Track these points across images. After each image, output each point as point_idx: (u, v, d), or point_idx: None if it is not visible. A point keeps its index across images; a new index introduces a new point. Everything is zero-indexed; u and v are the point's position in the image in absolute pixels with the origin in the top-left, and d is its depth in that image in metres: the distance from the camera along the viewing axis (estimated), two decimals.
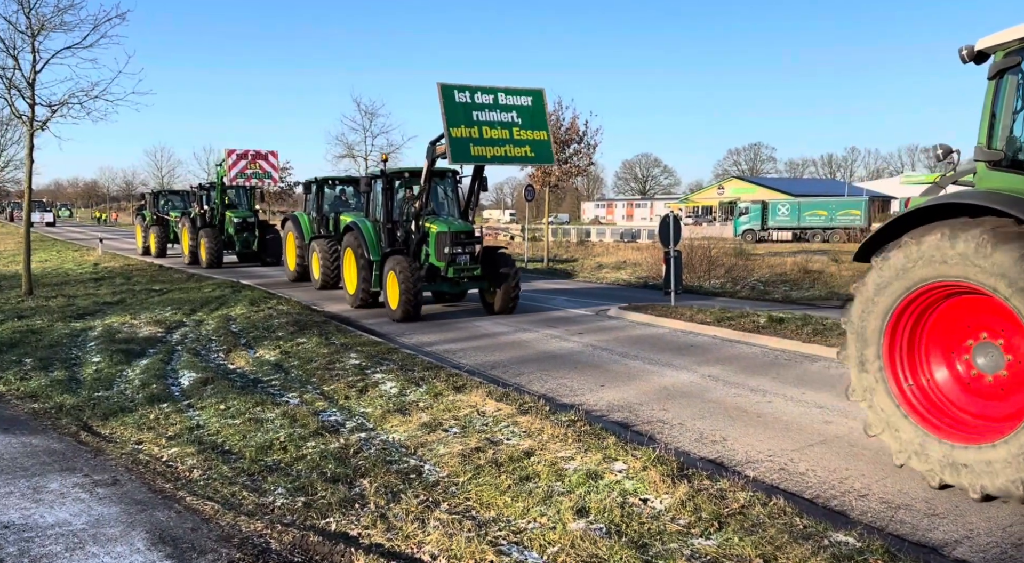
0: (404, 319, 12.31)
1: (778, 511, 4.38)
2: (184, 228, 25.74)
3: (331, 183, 19.45)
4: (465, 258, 12.75)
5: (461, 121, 11.61)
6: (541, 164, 12.34)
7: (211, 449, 5.75)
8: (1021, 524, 4.48)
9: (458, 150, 11.53)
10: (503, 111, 12.03)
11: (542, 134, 12.38)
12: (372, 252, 13.56)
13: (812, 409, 7.10)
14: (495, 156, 11.90)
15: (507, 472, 5.11)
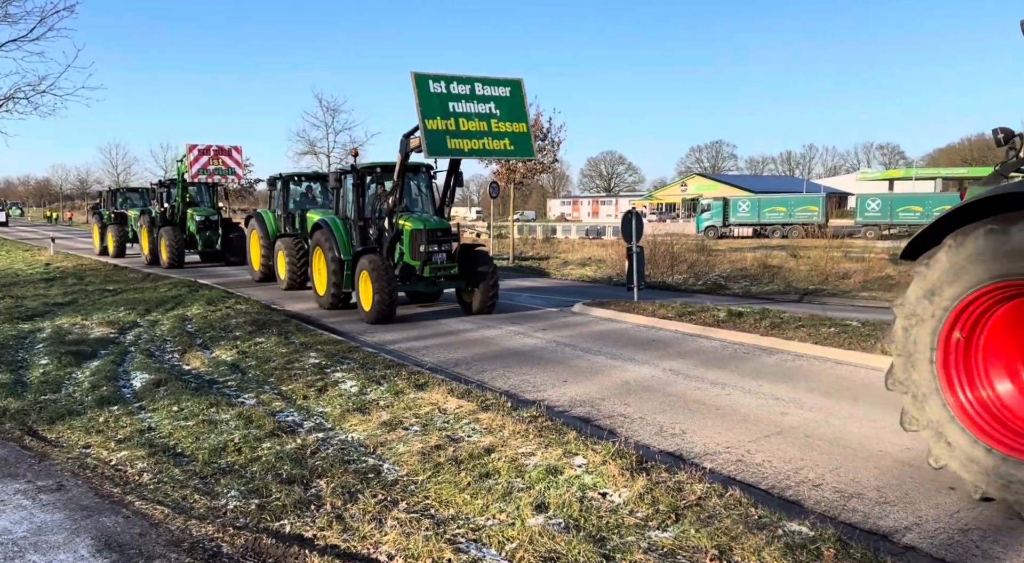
0: (378, 321, 11.78)
1: (734, 502, 4.43)
2: (143, 227, 24.78)
3: (297, 179, 18.83)
4: (441, 257, 12.24)
5: (437, 112, 11.03)
6: (521, 158, 11.95)
7: (162, 452, 5.59)
8: (968, 510, 4.60)
9: (434, 143, 10.95)
10: (480, 102, 11.44)
11: (521, 126, 11.80)
12: (343, 251, 13.00)
13: (769, 401, 7.21)
14: (473, 149, 11.35)
15: (467, 469, 5.08)
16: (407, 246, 12.25)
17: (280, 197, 18.34)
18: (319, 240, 13.61)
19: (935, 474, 5.19)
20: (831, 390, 7.57)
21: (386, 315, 11.75)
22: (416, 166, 13.44)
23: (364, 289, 12.05)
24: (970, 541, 4.20)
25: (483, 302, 12.74)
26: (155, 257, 23.60)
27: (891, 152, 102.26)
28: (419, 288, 12.84)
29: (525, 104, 11.97)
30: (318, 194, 18.81)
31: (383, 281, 11.58)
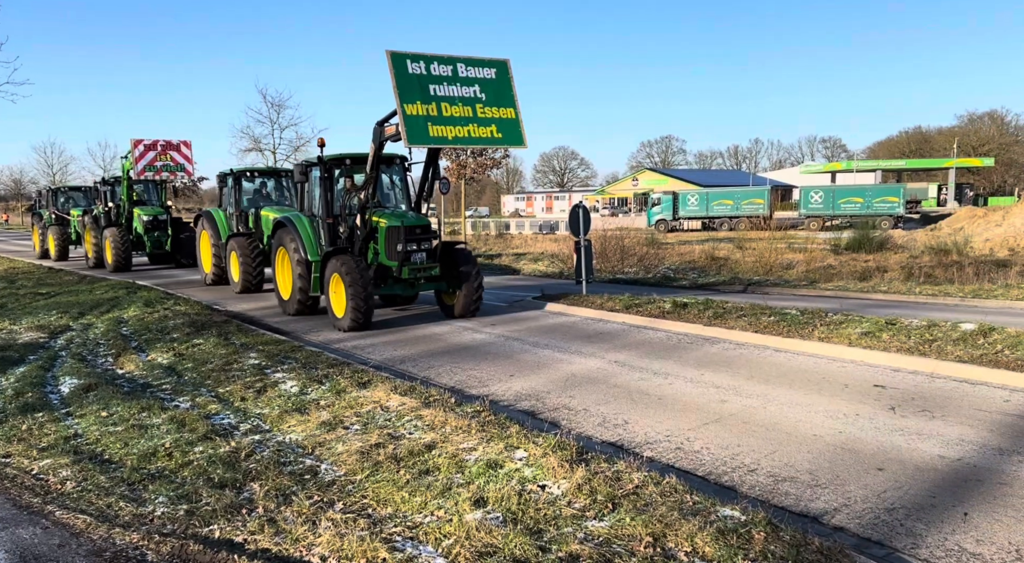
0: (353, 328, 10.76)
1: (670, 489, 4.47)
2: (87, 228, 23.21)
3: (249, 175, 17.60)
4: (421, 256, 11.21)
5: (416, 96, 9.85)
6: (511, 146, 10.72)
7: (88, 459, 5.37)
8: (894, 490, 4.75)
9: (414, 130, 9.75)
10: (464, 85, 10.30)
11: (509, 112, 10.63)
12: (310, 252, 11.86)
13: (709, 389, 7.32)
14: (457, 137, 10.16)
15: (407, 467, 5.01)
16: (382, 245, 11.23)
17: (232, 194, 17.12)
18: (282, 240, 12.51)
19: (865, 456, 5.35)
20: (769, 377, 7.73)
21: (362, 322, 10.73)
22: (390, 157, 12.39)
23: (336, 294, 11.07)
24: (895, 520, 4.33)
25: (467, 305, 11.80)
26: (100, 260, 22.21)
27: (833, 145, 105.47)
28: (396, 291, 11.79)
29: (513, 87, 10.79)
30: (272, 190, 17.86)
31: (358, 285, 10.53)
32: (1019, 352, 7.74)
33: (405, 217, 11.34)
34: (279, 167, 17.53)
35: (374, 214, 11.43)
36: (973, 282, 15.32)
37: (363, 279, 10.58)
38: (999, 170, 73.20)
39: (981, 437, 5.67)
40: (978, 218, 29.28)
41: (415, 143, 9.93)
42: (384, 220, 11.24)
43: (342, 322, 10.91)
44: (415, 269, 11.22)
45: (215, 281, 17.24)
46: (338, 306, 11.04)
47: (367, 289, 10.62)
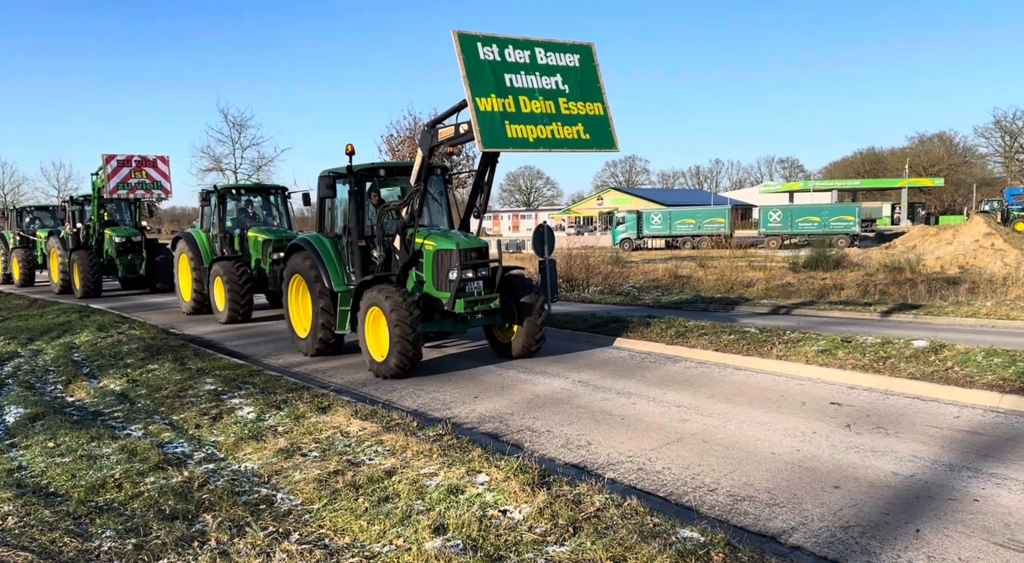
0: (398, 374, 8.87)
1: (631, 512, 4.47)
2: (53, 250, 21.57)
3: (235, 193, 16.22)
4: (477, 285, 9.32)
5: (490, 88, 8.11)
6: (600, 150, 8.72)
7: (32, 492, 5.17)
8: (850, 508, 4.82)
9: (490, 130, 7.98)
10: (544, 74, 8.58)
11: (597, 107, 8.85)
12: (335, 281, 10.08)
13: (671, 408, 7.37)
14: (539, 139, 8.34)
15: (366, 494, 4.93)
16: (429, 272, 9.41)
17: (214, 214, 15.54)
18: (299, 267, 10.62)
19: (822, 474, 5.43)
20: (729, 395, 7.82)
21: (409, 367, 8.88)
22: (430, 167, 10.28)
23: (374, 332, 9.20)
24: (851, 538, 4.39)
25: (527, 344, 9.81)
26: (67, 285, 20.63)
27: (791, 166, 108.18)
28: (445, 327, 9.69)
29: (599, 77, 8.98)
30: (258, 209, 16.50)
31: (406, 323, 8.61)
32: (968, 369, 7.96)
33: (459, 238, 9.43)
34: (266, 183, 16.47)
35: (420, 234, 9.57)
36: (925, 298, 15.77)
37: (412, 316, 8.67)
38: (949, 190, 75.83)
39: (933, 453, 5.80)
40: (930, 236, 30.21)
41: (491, 147, 8.12)
42: (432, 242, 9.38)
43: (383, 367, 8.99)
44: (472, 301, 9.21)
45: (196, 310, 15.61)
46: (377, 347, 9.17)
47: (417, 327, 8.72)
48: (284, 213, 16.33)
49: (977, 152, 79.21)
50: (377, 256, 10.00)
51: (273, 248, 14.19)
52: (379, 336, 9.14)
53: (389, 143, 29.44)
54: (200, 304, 15.47)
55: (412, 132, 29.27)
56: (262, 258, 14.58)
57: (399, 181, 10.42)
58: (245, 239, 15.04)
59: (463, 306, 9.13)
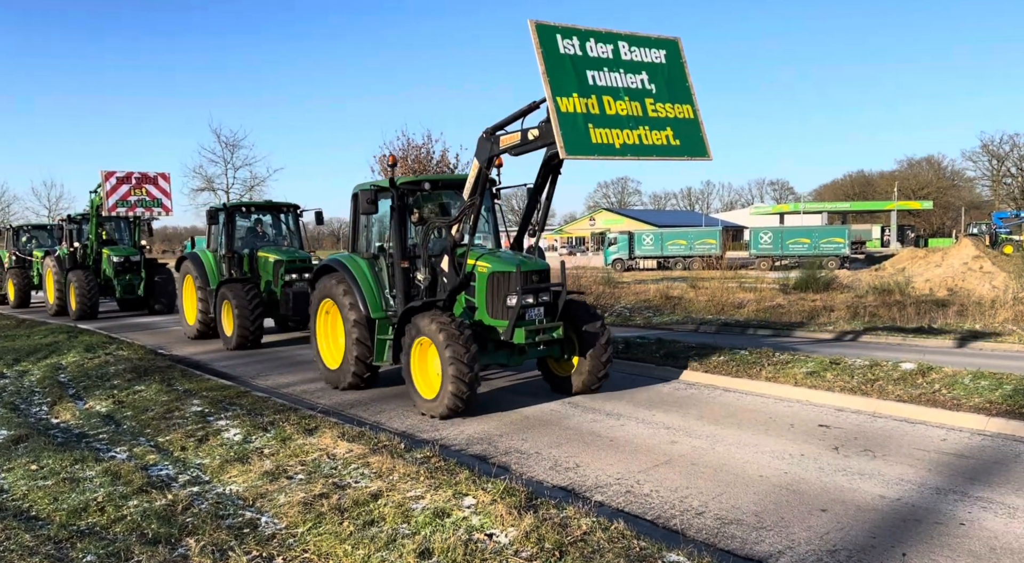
0: (452, 413, 7.86)
1: (618, 535, 4.45)
2: (49, 270, 20.70)
3: (244, 211, 15.27)
4: (538, 312, 8.29)
5: (571, 86, 6.99)
6: (691, 158, 7.70)
7: (13, 516, 5.10)
8: (837, 531, 4.81)
9: (573, 135, 6.81)
10: (629, 71, 7.43)
11: (686, 110, 7.68)
12: (372, 307, 9.12)
13: (660, 430, 7.36)
14: (626, 145, 7.15)
15: (351, 518, 4.88)
16: (482, 297, 8.35)
17: (222, 233, 14.59)
18: (330, 291, 9.61)
19: (809, 497, 5.43)
20: (718, 417, 7.82)
21: (463, 408, 7.83)
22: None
23: (423, 366, 8.24)
24: (837, 562, 4.37)
25: (591, 379, 8.75)
26: (63, 306, 19.99)
27: (781, 188, 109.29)
28: (500, 359, 8.66)
29: (688, 76, 7.86)
30: (268, 228, 15.67)
31: (462, 359, 7.58)
32: (956, 391, 8.00)
33: (517, 259, 8.41)
34: (277, 201, 15.68)
35: (473, 255, 8.53)
36: (915, 321, 15.86)
37: (469, 352, 7.65)
38: (938, 213, 76.67)
39: (920, 476, 5.81)
40: (919, 259, 30.50)
41: (575, 153, 6.86)
42: (487, 263, 8.35)
43: (434, 405, 7.96)
44: (532, 330, 8.13)
45: (201, 334, 14.70)
46: (425, 383, 8.21)
47: (475, 366, 7.70)
48: (296, 232, 15.55)
49: (965, 175, 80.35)
50: (421, 279, 8.89)
51: (285, 269, 13.65)
52: (428, 371, 8.18)
53: (382, 163, 29.55)
54: (206, 328, 14.63)
55: (405, 152, 29.41)
56: (273, 280, 13.90)
57: (443, 196, 9.49)
58: (255, 260, 14.32)
59: (523, 336, 8.06)
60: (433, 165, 30.03)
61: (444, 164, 30.56)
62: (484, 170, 7.93)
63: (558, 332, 8.35)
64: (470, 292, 8.54)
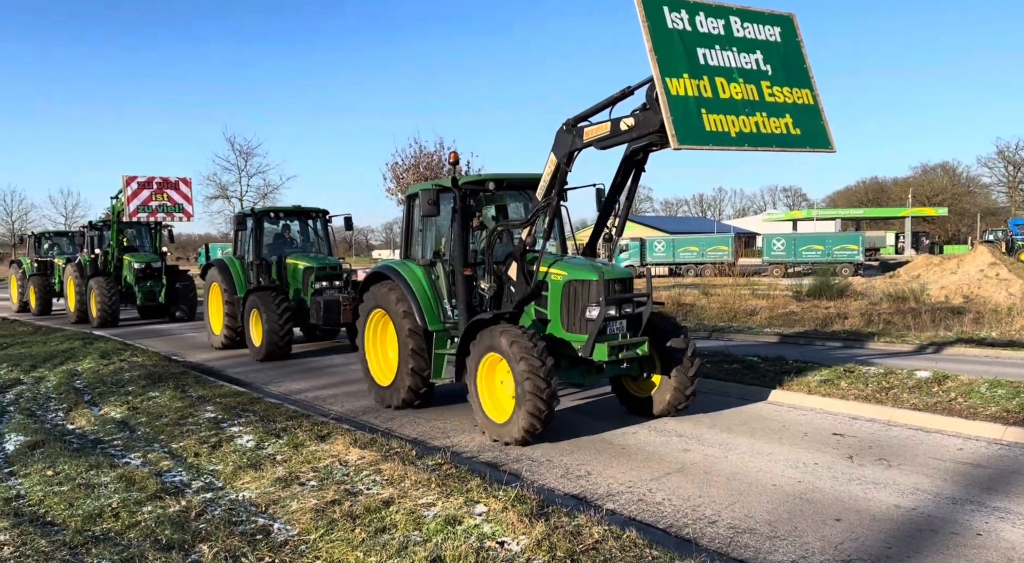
0: (526, 439, 7.01)
1: (630, 544, 4.43)
2: (70, 278, 20.53)
3: (272, 216, 14.75)
4: (620, 326, 7.42)
5: (681, 66, 6.15)
6: (813, 149, 6.74)
7: (30, 521, 5.15)
8: (851, 541, 4.77)
9: (685, 121, 5.96)
10: (743, 50, 6.58)
11: (805, 95, 6.82)
12: (428, 319, 8.33)
13: (672, 438, 7.33)
14: (743, 134, 6.28)
15: (363, 525, 4.90)
16: (557, 308, 7.56)
17: (251, 239, 14.11)
18: (383, 301, 8.80)
19: (823, 506, 5.38)
20: (731, 425, 7.77)
21: (540, 432, 7.00)
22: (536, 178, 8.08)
23: (490, 385, 7.43)
24: None
25: (676, 398, 7.81)
26: (84, 313, 19.63)
27: (794, 194, 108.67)
28: (575, 378, 7.86)
29: (805, 56, 6.98)
30: (296, 234, 15.18)
31: (539, 374, 6.74)
32: (972, 400, 7.92)
33: (599, 266, 7.57)
34: (306, 206, 15.11)
35: (546, 261, 7.75)
36: (929, 329, 15.71)
37: (546, 367, 6.80)
38: (953, 219, 75.98)
39: (936, 486, 5.75)
40: (934, 266, 30.22)
41: (687, 143, 5.99)
42: (562, 270, 7.57)
43: (507, 429, 7.08)
44: (616, 346, 7.23)
45: (228, 344, 14.19)
46: (494, 404, 7.38)
47: (552, 382, 6.82)
48: (324, 238, 15.08)
49: (981, 182, 79.59)
50: (485, 288, 8.07)
51: (316, 277, 13.27)
52: (497, 391, 7.38)
53: (394, 171, 29.72)
54: (233, 338, 14.09)
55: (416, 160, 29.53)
56: (302, 288, 13.49)
57: (507, 197, 8.77)
58: (283, 267, 13.92)
59: (605, 352, 7.14)
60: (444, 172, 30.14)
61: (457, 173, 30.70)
62: (563, 167, 7.17)
63: (643, 348, 7.44)
64: (541, 303, 7.77)
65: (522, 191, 8.62)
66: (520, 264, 7.74)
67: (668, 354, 7.74)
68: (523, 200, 8.85)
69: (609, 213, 7.93)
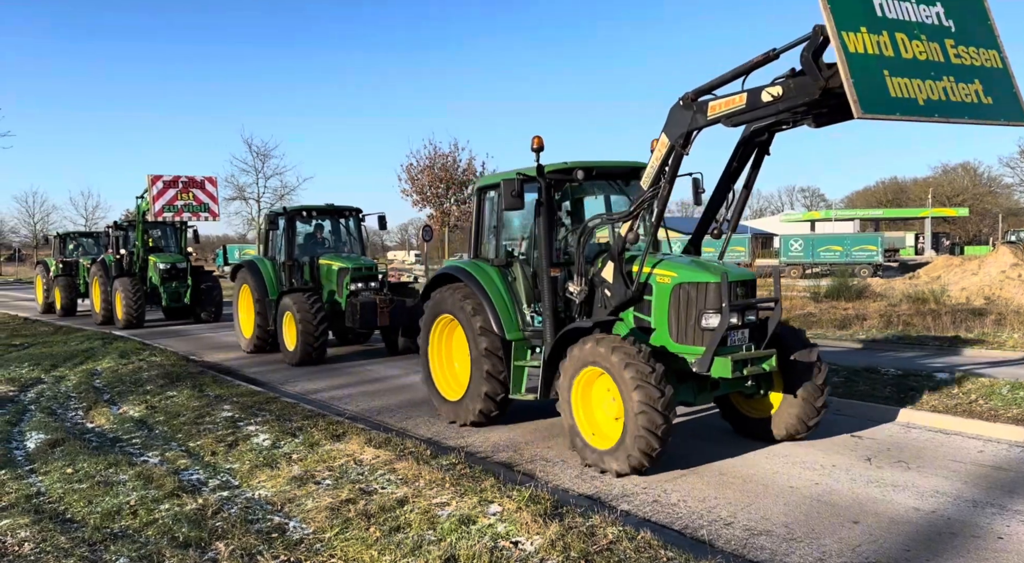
0: (640, 466, 5.96)
1: (645, 545, 4.41)
2: (96, 279, 20.22)
3: (305, 215, 14.13)
4: (742, 336, 6.39)
5: (859, 18, 5.12)
6: (1009, 122, 5.44)
7: (50, 518, 5.22)
8: (869, 544, 4.71)
9: (866, 85, 4.94)
10: (921, 2, 5.48)
11: (992, 57, 5.68)
12: (507, 327, 7.45)
13: (688, 440, 7.27)
14: (931, 101, 5.22)
15: (377, 524, 4.92)
16: (663, 315, 6.52)
17: (283, 239, 13.66)
18: (452, 306, 7.91)
19: (841, 509, 5.32)
20: None
21: (660, 448, 5.87)
22: (637, 167, 7.33)
23: (587, 404, 6.46)
24: None
25: (803, 419, 6.67)
26: (109, 315, 19.29)
27: (812, 195, 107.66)
28: (685, 397, 6.66)
29: (989, 11, 5.84)
30: (327, 234, 14.70)
31: (656, 402, 5.73)
32: (993, 402, 7.80)
33: (719, 267, 6.49)
34: (339, 204, 14.32)
35: (651, 261, 6.69)
36: (950, 330, 15.50)
37: (664, 394, 5.80)
38: (974, 220, 74.93)
39: (956, 489, 5.67)
40: (955, 267, 29.81)
41: (872, 112, 4.97)
42: (670, 271, 6.54)
43: (611, 458, 6.07)
44: (740, 360, 6.14)
45: (258, 348, 13.71)
46: (591, 427, 6.39)
47: (671, 409, 5.84)
48: (358, 238, 14.65)
49: (1003, 182, 78.32)
50: (575, 292, 7.09)
51: (351, 278, 12.87)
52: (596, 412, 6.42)
53: (409, 172, 29.86)
54: (264, 342, 13.56)
55: (431, 160, 29.64)
56: (337, 289, 13.08)
57: (595, 188, 7.84)
58: (316, 268, 13.47)
59: (728, 368, 6.05)
60: (459, 173, 30.27)
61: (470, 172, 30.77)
62: (679, 149, 6.06)
63: (770, 363, 6.35)
64: (642, 308, 6.74)
65: (612, 180, 7.68)
66: (618, 264, 6.74)
67: (794, 370, 6.63)
68: (610, 191, 7.87)
69: (720, 204, 6.91)
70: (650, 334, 6.61)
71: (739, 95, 5.60)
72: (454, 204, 32.90)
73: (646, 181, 6.45)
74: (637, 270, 6.64)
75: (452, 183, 29.86)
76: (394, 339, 13.49)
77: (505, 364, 7.56)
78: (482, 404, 7.65)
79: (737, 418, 7.29)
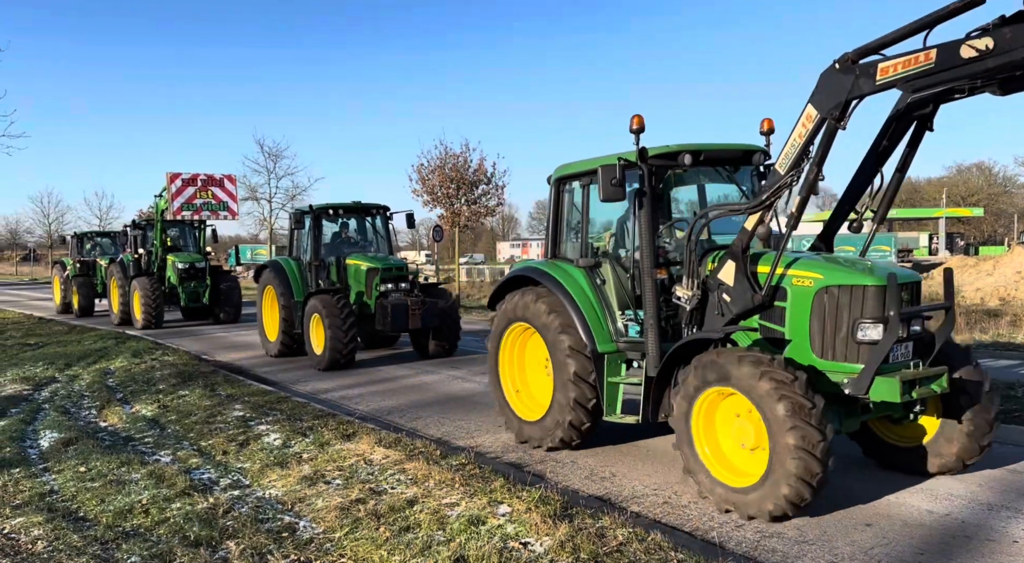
0: (786, 515, 4.92)
1: (655, 546, 4.39)
2: (113, 279, 19.84)
3: (331, 214, 13.54)
4: (906, 350, 5.36)
5: None
6: None
7: (63, 516, 5.27)
8: (882, 546, 4.67)
9: None
10: None
11: None
12: (597, 337, 6.50)
13: None
14: None
15: (387, 524, 4.92)
16: (802, 324, 5.48)
17: (309, 238, 13.14)
18: (529, 313, 6.97)
19: (854, 511, 5.28)
20: None
21: (811, 498, 4.82)
22: (751, 151, 6.55)
23: (710, 434, 5.47)
24: None
25: (969, 449, 5.57)
26: (127, 315, 19.03)
27: (825, 195, 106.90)
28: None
29: None
30: (354, 232, 14.28)
31: (815, 445, 4.71)
32: (1008, 404, 7.71)
33: (879, 268, 5.45)
34: (366, 202, 13.77)
35: (787, 261, 5.64)
36: (964, 331, 15.36)
37: (824, 435, 4.76)
38: (989, 220, 74.19)
39: (970, 492, 5.60)
40: (969, 267, 29.51)
41: None
42: (812, 272, 5.49)
43: (757, 498, 4.97)
44: (909, 380, 5.08)
45: (284, 352, 13.18)
46: (720, 460, 5.39)
47: (829, 455, 4.79)
48: (386, 237, 14.16)
49: (1018, 182, 77.47)
50: (685, 296, 6.06)
51: (380, 278, 12.38)
52: (722, 444, 5.43)
53: (420, 172, 29.91)
54: (290, 345, 13.03)
55: (442, 160, 29.69)
56: (365, 290, 12.57)
57: (700, 175, 6.85)
58: (343, 268, 12.97)
59: (897, 390, 4.94)
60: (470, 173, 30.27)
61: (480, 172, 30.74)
62: (833, 122, 4.99)
63: (941, 383, 5.27)
64: (771, 316, 5.69)
65: (720, 167, 6.59)
66: (741, 264, 5.70)
67: (959, 388, 5.50)
68: (713, 179, 6.88)
69: (861, 192, 5.94)
70: (782, 347, 5.57)
71: (924, 52, 4.55)
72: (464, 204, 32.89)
73: (783, 163, 5.31)
74: (766, 271, 5.57)
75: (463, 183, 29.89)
76: (425, 342, 12.95)
77: (599, 380, 6.53)
78: (564, 434, 6.72)
79: (878, 446, 6.11)
